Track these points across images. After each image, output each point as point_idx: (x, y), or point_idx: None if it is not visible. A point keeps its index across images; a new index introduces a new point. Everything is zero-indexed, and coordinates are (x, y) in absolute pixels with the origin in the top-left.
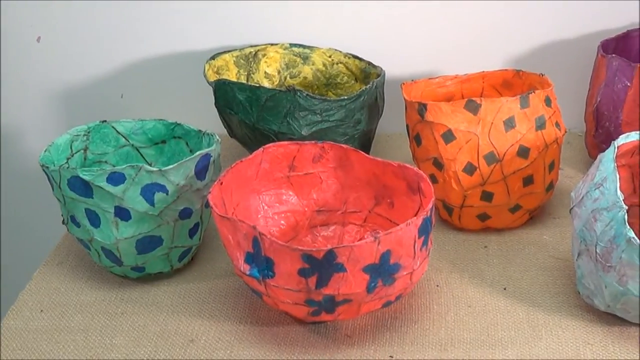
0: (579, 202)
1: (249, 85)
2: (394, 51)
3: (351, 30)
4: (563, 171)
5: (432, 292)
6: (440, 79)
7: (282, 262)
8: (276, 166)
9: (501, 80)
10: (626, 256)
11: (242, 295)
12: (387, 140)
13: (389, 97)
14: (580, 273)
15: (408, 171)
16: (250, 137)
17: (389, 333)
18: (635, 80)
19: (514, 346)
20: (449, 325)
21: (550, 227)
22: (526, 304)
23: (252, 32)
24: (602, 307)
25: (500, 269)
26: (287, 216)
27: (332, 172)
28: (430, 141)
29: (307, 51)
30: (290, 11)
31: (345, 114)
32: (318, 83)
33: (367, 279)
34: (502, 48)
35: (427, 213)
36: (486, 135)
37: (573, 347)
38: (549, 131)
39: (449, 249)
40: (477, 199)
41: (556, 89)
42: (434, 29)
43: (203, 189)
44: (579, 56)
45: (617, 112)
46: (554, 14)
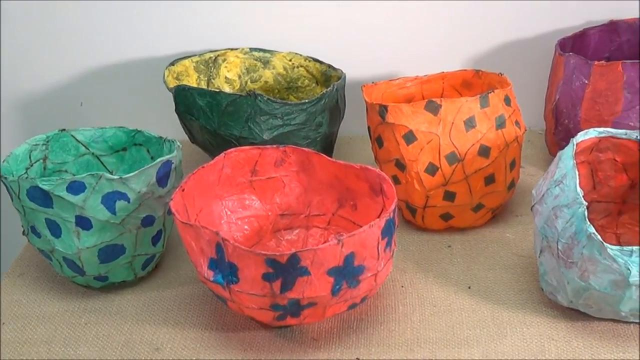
0: (540, 200)
1: (209, 90)
2: (355, 54)
3: (311, 33)
4: (524, 169)
5: (397, 292)
6: (400, 81)
7: (246, 268)
8: (238, 171)
9: (461, 80)
10: (587, 252)
11: (207, 301)
12: (349, 143)
13: (350, 99)
14: (542, 270)
15: (370, 173)
16: (211, 143)
17: (355, 335)
18: (593, 78)
19: (480, 344)
20: (415, 326)
21: (513, 225)
22: (491, 302)
23: (211, 37)
24: (565, 303)
25: (464, 268)
26: (250, 221)
27: (295, 175)
28: (391, 143)
29: (267, 55)
30: (250, 16)
31: (307, 117)
32: (279, 87)
33: (331, 282)
34: (462, 48)
35: (390, 214)
36: (447, 135)
37: (537, 343)
38: (509, 130)
39: (413, 249)
40: (440, 199)
41: (515, 88)
42: (393, 30)
43: (165, 196)
44: (537, 55)
45: (575, 110)
46: (511, 14)
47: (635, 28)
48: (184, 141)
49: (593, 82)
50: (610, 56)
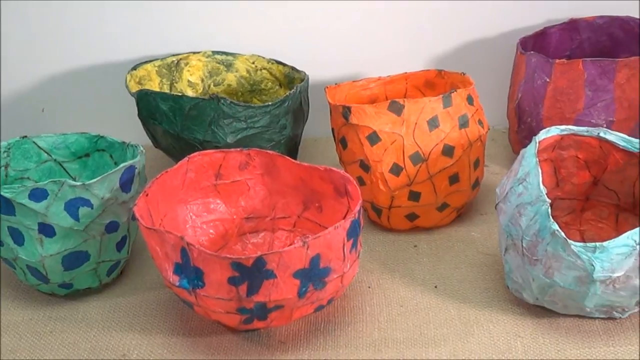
0: (504, 198)
1: (172, 94)
2: (318, 55)
3: (274, 35)
4: (488, 168)
5: (364, 293)
6: (363, 82)
7: (212, 272)
8: (202, 175)
9: (424, 80)
10: (551, 249)
11: (173, 306)
12: (313, 145)
13: (314, 101)
14: (508, 267)
15: (335, 174)
16: (175, 147)
17: (322, 337)
18: (554, 76)
19: (447, 343)
20: (382, 326)
21: (478, 223)
22: (457, 300)
23: (173, 41)
24: (530, 300)
25: (431, 267)
26: (215, 225)
27: (259, 178)
28: (355, 144)
29: (230, 58)
30: (212, 19)
31: (270, 119)
32: (242, 90)
33: (297, 284)
34: (424, 49)
35: (355, 215)
36: (411, 135)
37: (504, 341)
38: (473, 129)
39: (379, 250)
40: (405, 199)
41: (478, 87)
42: (356, 32)
43: (129, 202)
44: (499, 54)
45: (538, 108)
46: (473, 14)
47: (595, 26)
48: (148, 146)
49: (554, 80)
50: (571, 54)
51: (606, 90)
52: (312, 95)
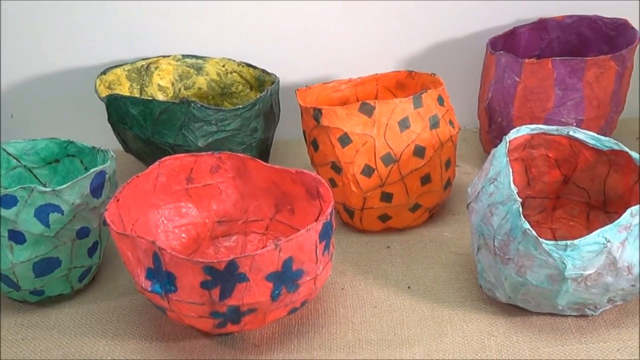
0: (475, 198)
1: (142, 99)
2: (288, 58)
3: (244, 38)
4: (460, 168)
5: (337, 295)
6: (334, 84)
7: (184, 276)
8: (174, 179)
9: (394, 81)
10: (523, 248)
11: (146, 312)
12: (285, 147)
13: (285, 103)
14: (480, 267)
15: (306, 177)
16: (146, 152)
17: (296, 339)
18: (524, 76)
19: (421, 343)
20: (356, 327)
21: (450, 223)
22: (430, 300)
23: (143, 45)
24: (503, 299)
25: (404, 268)
26: (187, 229)
27: (231, 182)
28: (327, 145)
29: (200, 62)
30: (182, 22)
31: (241, 123)
32: (213, 93)
33: (270, 287)
34: (395, 50)
35: (327, 217)
36: (382, 136)
37: (478, 340)
38: (443, 129)
39: (352, 251)
40: (377, 201)
41: (449, 88)
42: (327, 34)
43: (100, 207)
44: (469, 55)
45: (508, 108)
46: (443, 15)
47: (564, 25)
48: (118, 151)
49: (524, 80)
50: (541, 54)
51: (575, 89)
52: (283, 98)
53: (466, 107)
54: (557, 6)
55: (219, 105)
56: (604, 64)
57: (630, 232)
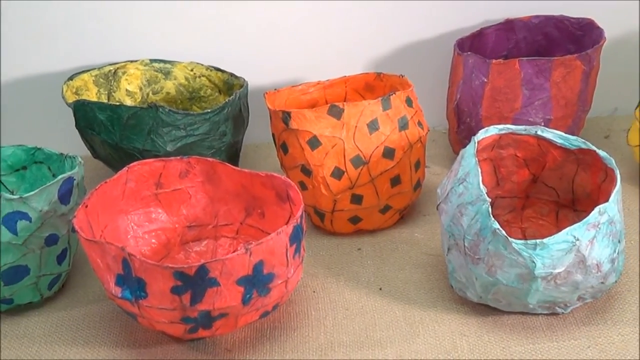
0: (445, 198)
1: (109, 104)
2: (257, 61)
3: (212, 42)
4: (430, 169)
5: (309, 298)
6: (303, 86)
7: (154, 282)
8: (142, 185)
9: (363, 83)
10: (493, 247)
11: (117, 318)
12: (255, 151)
13: (254, 107)
14: (451, 267)
15: (276, 180)
16: (114, 157)
17: (269, 343)
18: (492, 76)
19: (393, 345)
20: (328, 330)
21: (421, 224)
22: (402, 302)
23: (110, 50)
24: (474, 299)
25: (375, 270)
26: (157, 234)
27: (201, 186)
28: (296, 148)
29: (168, 66)
30: (149, 27)
31: (210, 127)
32: (182, 97)
33: (241, 291)
34: (363, 52)
35: (297, 221)
36: (351, 139)
37: (450, 340)
38: (412, 131)
39: (324, 254)
40: (347, 203)
41: (417, 89)
42: (294, 36)
43: (68, 214)
44: (437, 56)
45: (476, 108)
46: (410, 16)
47: (531, 26)
48: (86, 157)
49: (492, 80)
50: (508, 54)
51: (543, 89)
52: (252, 102)
53: (435, 108)
54: (524, 6)
55: (187, 110)
56: (571, 64)
57: (598, 230)
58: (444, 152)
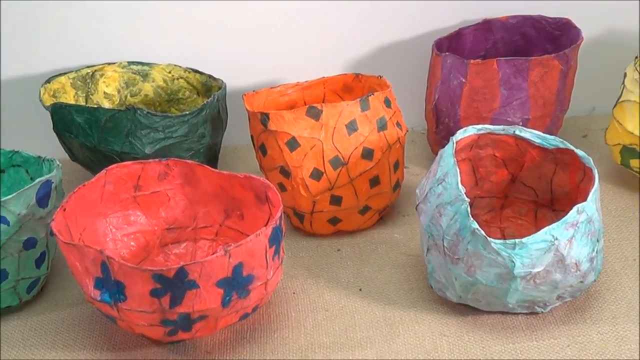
0: (424, 199)
1: (87, 107)
2: (235, 63)
3: (190, 44)
4: (409, 169)
5: (288, 300)
6: (281, 88)
7: (133, 285)
8: (121, 187)
9: (341, 84)
10: (472, 247)
11: (96, 321)
12: (234, 152)
13: (233, 109)
14: (431, 267)
15: (255, 182)
16: (92, 160)
17: (249, 345)
18: (470, 76)
19: (373, 345)
20: (308, 331)
21: (400, 225)
22: (382, 302)
23: (87, 53)
24: (454, 299)
25: (355, 271)
26: (136, 237)
27: (179, 188)
28: (275, 150)
29: (146, 68)
30: (127, 29)
31: (189, 129)
32: (160, 100)
33: (221, 294)
34: (341, 53)
35: (276, 222)
36: (330, 140)
37: (430, 340)
38: (391, 131)
39: (303, 255)
40: (327, 204)
41: (396, 90)
42: (273, 38)
43: (46, 217)
44: (415, 56)
45: (455, 108)
46: (388, 16)
47: (508, 26)
48: (64, 160)
49: (470, 81)
50: (486, 54)
51: (521, 89)
52: (230, 103)
53: (413, 109)
54: (502, 6)
55: (165, 112)
56: (548, 63)
57: (577, 229)
58: (423, 152)
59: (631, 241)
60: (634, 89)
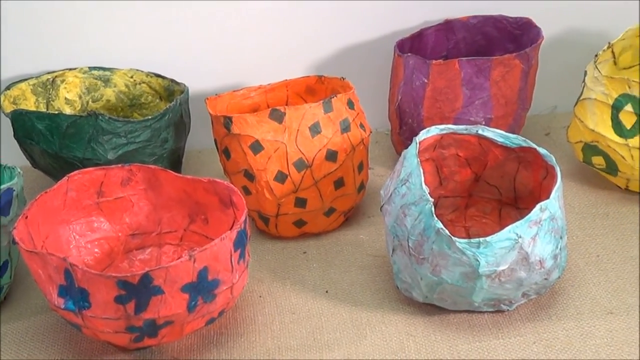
0: (389, 200)
1: (48, 113)
2: (197, 66)
3: (151, 48)
4: (374, 170)
5: (255, 303)
6: (244, 91)
7: (97, 292)
8: (84, 194)
9: (304, 87)
10: (437, 247)
11: (61, 330)
12: (198, 157)
13: (196, 113)
14: (396, 268)
15: (219, 186)
16: (54, 167)
17: (216, 350)
18: (432, 77)
19: (340, 347)
20: (275, 335)
21: (366, 226)
22: (349, 304)
23: (48, 58)
24: (420, 299)
25: (321, 273)
26: (100, 243)
27: (143, 194)
28: (239, 153)
29: (107, 73)
30: (88, 34)
31: (151, 134)
32: (122, 105)
33: (186, 299)
34: (304, 55)
35: (241, 226)
36: (293, 142)
37: (397, 341)
38: (355, 133)
39: (269, 258)
40: (292, 206)
41: (359, 91)
42: (235, 41)
43: (8, 225)
44: (378, 57)
45: (418, 109)
46: (350, 18)
47: (470, 26)
48: (26, 167)
49: (432, 81)
50: (448, 54)
51: (483, 88)
52: (193, 107)
53: (377, 110)
54: (463, 6)
55: (128, 117)
56: (510, 63)
57: (540, 227)
58: (387, 153)
59: (594, 238)
60: (595, 87)
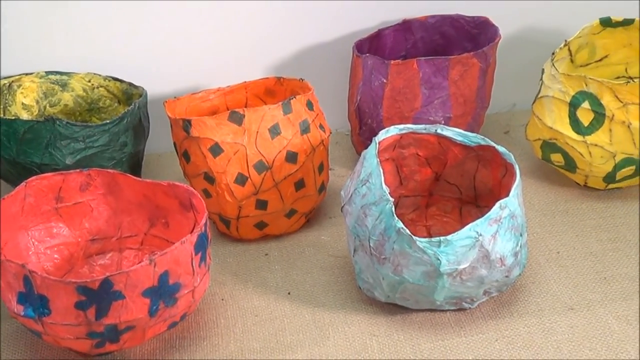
0: (349, 200)
1: (4, 118)
2: (155, 69)
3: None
4: (334, 171)
5: (217, 306)
6: (203, 93)
7: (57, 298)
8: (42, 199)
9: (263, 88)
10: (398, 246)
11: (21, 337)
12: (158, 160)
13: (155, 116)
14: (358, 268)
15: (178, 189)
16: (12, 173)
17: (178, 354)
18: (391, 77)
19: (303, 348)
20: (238, 337)
21: (327, 227)
22: (311, 305)
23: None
24: (382, 299)
25: (283, 274)
26: (60, 249)
27: (102, 198)
28: (198, 156)
29: (64, 78)
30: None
31: (110, 138)
32: (80, 109)
33: (148, 303)
34: (262, 56)
35: (201, 229)
36: (253, 144)
37: (360, 341)
38: (314, 134)
39: (231, 261)
40: (253, 209)
41: (318, 92)
42: (192, 43)
43: None
44: (336, 58)
45: (377, 109)
46: (308, 19)
47: (428, 25)
48: None
49: (391, 81)
50: (407, 54)
51: (441, 88)
52: (152, 111)
53: (337, 110)
54: (421, 6)
55: (87, 121)
56: (468, 62)
57: (500, 225)
58: (348, 153)
59: (554, 234)
60: (552, 84)
